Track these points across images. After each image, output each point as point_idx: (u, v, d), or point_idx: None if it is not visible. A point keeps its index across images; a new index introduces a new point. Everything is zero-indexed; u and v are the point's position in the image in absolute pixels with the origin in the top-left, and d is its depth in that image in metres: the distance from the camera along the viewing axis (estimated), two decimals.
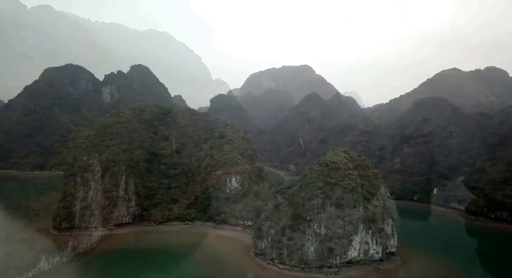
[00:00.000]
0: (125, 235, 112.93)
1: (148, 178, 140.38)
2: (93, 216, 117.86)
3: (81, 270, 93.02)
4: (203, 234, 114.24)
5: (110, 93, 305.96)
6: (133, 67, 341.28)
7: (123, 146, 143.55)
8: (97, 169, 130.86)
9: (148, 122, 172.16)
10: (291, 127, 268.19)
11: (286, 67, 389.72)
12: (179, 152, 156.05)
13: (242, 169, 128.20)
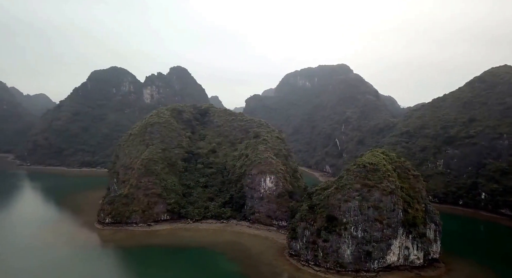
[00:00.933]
0: (163, 231, 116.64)
1: (186, 176, 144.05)
2: (134, 212, 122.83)
3: (121, 263, 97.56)
4: (238, 233, 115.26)
5: (151, 94, 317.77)
6: (172, 68, 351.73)
7: (162, 145, 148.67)
8: (138, 167, 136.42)
9: (186, 122, 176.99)
10: (327, 128, 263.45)
11: (322, 66, 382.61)
12: (215, 152, 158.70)
13: (276, 169, 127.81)
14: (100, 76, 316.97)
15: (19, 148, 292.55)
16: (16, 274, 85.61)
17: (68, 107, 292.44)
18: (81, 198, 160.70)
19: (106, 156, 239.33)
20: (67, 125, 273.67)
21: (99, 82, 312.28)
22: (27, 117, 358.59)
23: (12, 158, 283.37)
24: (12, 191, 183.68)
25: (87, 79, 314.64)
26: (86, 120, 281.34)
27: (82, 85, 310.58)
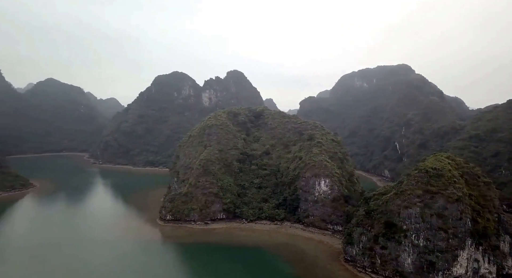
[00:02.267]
0: (220, 230, 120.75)
1: (240, 177, 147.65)
2: (192, 210, 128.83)
3: (181, 258, 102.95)
4: (292, 235, 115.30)
5: (209, 97, 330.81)
6: (229, 72, 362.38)
7: (219, 147, 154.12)
8: (196, 167, 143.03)
9: (241, 124, 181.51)
10: (386, 130, 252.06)
11: (381, 67, 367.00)
12: (269, 153, 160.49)
13: (331, 173, 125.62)
14: (163, 80, 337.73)
15: (93, 147, 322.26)
16: (91, 261, 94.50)
17: (135, 110, 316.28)
18: (145, 195, 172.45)
19: (168, 156, 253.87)
20: (134, 127, 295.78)
21: (162, 87, 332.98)
22: (100, 119, 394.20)
23: (87, 157, 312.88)
24: (87, 187, 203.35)
25: (151, 84, 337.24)
26: (150, 122, 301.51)
27: (147, 90, 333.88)
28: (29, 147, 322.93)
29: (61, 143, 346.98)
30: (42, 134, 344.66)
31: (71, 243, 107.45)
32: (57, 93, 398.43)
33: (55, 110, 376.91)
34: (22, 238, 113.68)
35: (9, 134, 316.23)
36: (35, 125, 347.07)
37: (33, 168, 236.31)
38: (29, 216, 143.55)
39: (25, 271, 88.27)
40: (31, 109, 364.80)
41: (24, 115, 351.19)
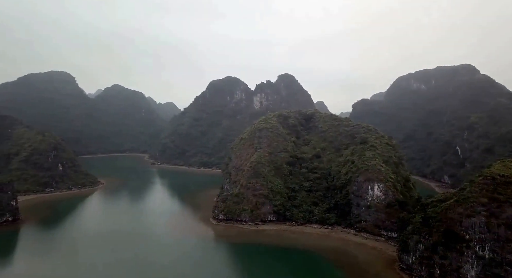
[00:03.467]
0: (270, 231, 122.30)
1: (290, 180, 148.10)
2: (243, 211, 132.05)
3: (233, 257, 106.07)
4: (344, 240, 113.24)
5: (260, 101, 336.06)
6: (280, 76, 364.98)
7: (269, 149, 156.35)
8: (247, 169, 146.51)
9: (291, 127, 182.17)
10: (446, 134, 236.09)
11: (441, 67, 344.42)
12: (319, 157, 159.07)
13: (385, 177, 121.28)
14: (217, 85, 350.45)
15: (152, 149, 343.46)
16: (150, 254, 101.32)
17: (190, 113, 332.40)
18: (199, 194, 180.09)
19: (221, 157, 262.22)
20: (189, 130, 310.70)
21: (216, 91, 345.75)
22: (159, 122, 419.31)
23: (147, 157, 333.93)
24: (147, 186, 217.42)
25: (206, 88, 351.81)
26: (205, 125, 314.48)
27: (202, 94, 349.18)
28: (97, 147, 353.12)
29: (124, 144, 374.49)
30: (108, 136, 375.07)
31: (133, 237, 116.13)
32: (122, 98, 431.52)
33: (120, 114, 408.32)
34: (91, 229, 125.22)
35: (81, 136, 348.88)
36: (103, 128, 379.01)
37: (100, 167, 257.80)
38: (97, 211, 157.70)
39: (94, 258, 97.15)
40: (100, 113, 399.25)
41: (94, 118, 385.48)
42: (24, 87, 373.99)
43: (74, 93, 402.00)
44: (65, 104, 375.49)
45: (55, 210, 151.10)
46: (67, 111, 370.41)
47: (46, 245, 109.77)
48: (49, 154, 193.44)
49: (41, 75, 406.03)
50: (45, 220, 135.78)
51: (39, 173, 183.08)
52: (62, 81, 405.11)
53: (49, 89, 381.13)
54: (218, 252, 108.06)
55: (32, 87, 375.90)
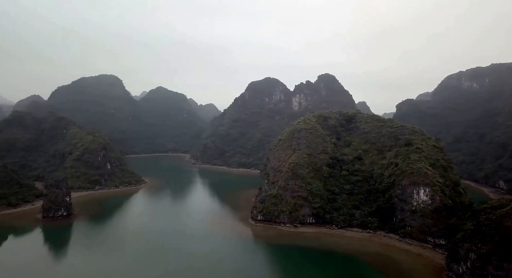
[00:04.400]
0: (309, 234, 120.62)
1: (330, 182, 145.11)
2: (282, 212, 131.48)
3: (271, 258, 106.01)
4: (387, 246, 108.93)
5: (299, 101, 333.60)
6: (320, 76, 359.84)
7: (308, 151, 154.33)
8: (285, 170, 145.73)
9: (332, 128, 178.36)
10: (502, 136, 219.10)
11: (495, 65, 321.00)
12: (361, 159, 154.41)
13: (432, 181, 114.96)
14: (256, 86, 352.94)
15: (193, 149, 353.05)
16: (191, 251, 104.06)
17: (230, 114, 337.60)
18: (238, 194, 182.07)
19: (259, 158, 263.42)
20: (229, 131, 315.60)
21: (255, 92, 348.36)
22: (200, 123, 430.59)
23: (189, 158, 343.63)
24: (188, 185, 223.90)
25: (245, 90, 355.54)
26: (243, 126, 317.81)
27: (241, 95, 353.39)
28: (142, 148, 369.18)
29: (167, 144, 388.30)
30: (152, 136, 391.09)
31: (174, 235, 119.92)
32: (164, 100, 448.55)
33: (163, 115, 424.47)
34: (136, 225, 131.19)
35: (127, 137, 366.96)
36: (147, 129, 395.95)
37: (144, 167, 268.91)
38: (142, 208, 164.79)
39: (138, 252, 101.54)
40: (144, 114, 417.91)
41: (139, 119, 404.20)
42: (77, 90, 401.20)
43: (121, 95, 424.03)
44: (112, 106, 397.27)
45: (104, 206, 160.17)
46: (115, 113, 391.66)
47: (96, 238, 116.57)
48: (98, 153, 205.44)
49: (92, 79, 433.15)
50: (95, 215, 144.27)
51: (90, 171, 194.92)
52: (110, 84, 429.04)
53: (99, 91, 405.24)
54: (257, 252, 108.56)
55: (84, 90, 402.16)
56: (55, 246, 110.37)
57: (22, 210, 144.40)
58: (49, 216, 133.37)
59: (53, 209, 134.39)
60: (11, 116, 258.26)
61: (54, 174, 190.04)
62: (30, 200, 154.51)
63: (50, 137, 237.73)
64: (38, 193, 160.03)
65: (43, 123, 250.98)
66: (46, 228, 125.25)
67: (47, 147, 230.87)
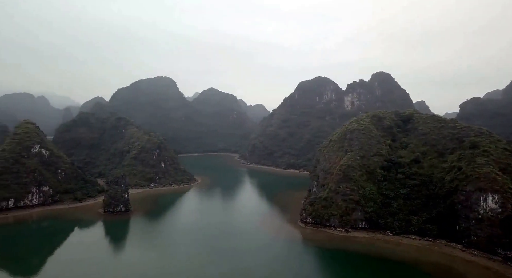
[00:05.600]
0: (361, 239, 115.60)
1: (385, 185, 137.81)
2: (332, 216, 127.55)
3: (321, 262, 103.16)
4: (448, 256, 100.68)
5: (351, 101, 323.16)
6: (375, 75, 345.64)
7: (360, 152, 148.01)
8: (336, 172, 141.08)
9: (387, 129, 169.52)
10: None
11: None
12: (419, 162, 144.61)
13: (503, 188, 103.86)
14: (306, 86, 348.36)
15: (242, 149, 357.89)
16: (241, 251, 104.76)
17: (279, 115, 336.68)
18: (286, 196, 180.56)
19: (308, 159, 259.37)
20: (277, 131, 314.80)
21: (305, 92, 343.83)
22: (249, 124, 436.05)
23: (238, 157, 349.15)
24: (237, 184, 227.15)
25: (294, 90, 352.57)
26: (293, 126, 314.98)
27: (290, 95, 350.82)
28: (193, 147, 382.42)
29: (217, 144, 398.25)
30: (203, 136, 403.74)
31: (226, 233, 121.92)
32: (215, 101, 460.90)
33: (214, 116, 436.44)
34: (188, 222, 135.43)
35: (180, 136, 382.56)
36: (198, 129, 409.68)
37: (196, 166, 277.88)
38: (193, 206, 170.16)
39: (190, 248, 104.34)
40: (196, 114, 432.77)
41: (191, 120, 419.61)
42: (134, 92, 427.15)
43: (174, 96, 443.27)
44: (167, 106, 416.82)
45: (158, 203, 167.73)
46: (169, 113, 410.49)
47: (152, 234, 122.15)
48: (154, 152, 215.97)
49: (148, 81, 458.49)
50: (150, 211, 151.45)
51: (146, 169, 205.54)
52: (165, 86, 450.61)
53: (154, 93, 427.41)
54: (306, 255, 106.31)
55: (141, 91, 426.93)
56: (114, 239, 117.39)
57: (87, 205, 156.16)
58: (109, 211, 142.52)
59: (113, 204, 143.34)
60: (78, 116, 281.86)
61: (114, 171, 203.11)
62: (93, 195, 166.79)
63: (110, 136, 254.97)
64: (100, 189, 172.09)
65: (104, 123, 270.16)
66: (106, 222, 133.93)
67: (108, 146, 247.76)
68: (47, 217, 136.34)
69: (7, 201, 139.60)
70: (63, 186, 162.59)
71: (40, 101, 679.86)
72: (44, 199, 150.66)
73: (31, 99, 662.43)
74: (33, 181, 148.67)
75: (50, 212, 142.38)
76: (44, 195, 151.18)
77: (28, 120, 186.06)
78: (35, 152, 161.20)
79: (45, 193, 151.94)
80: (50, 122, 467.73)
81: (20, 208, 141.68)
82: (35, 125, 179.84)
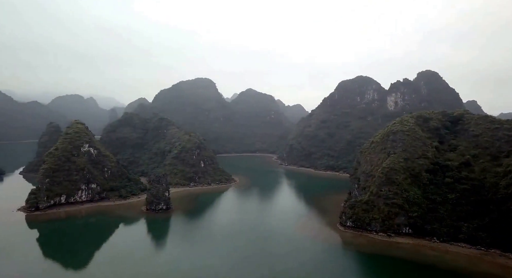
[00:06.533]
0: (405, 245, 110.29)
1: (431, 190, 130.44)
2: (374, 220, 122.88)
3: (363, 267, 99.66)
4: (503, 267, 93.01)
5: (395, 101, 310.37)
6: (420, 73, 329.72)
7: (404, 155, 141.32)
8: (378, 175, 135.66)
9: (433, 131, 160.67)
10: None
11: None
12: (469, 165, 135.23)
13: None
14: (346, 86, 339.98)
15: (280, 150, 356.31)
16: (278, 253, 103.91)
17: (318, 115, 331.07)
18: (325, 198, 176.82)
19: (348, 161, 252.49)
20: (316, 132, 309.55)
21: (346, 92, 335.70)
22: (287, 124, 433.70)
23: (275, 158, 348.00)
24: (275, 185, 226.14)
25: (334, 89, 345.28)
26: (332, 127, 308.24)
27: (330, 95, 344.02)
28: (231, 147, 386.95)
29: (255, 144, 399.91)
30: (241, 136, 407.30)
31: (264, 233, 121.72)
32: (253, 101, 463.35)
33: (252, 116, 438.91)
34: (226, 221, 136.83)
35: (219, 137, 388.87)
36: (237, 129, 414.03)
37: (234, 166, 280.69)
38: (231, 206, 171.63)
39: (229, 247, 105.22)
40: (235, 115, 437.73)
41: (229, 120, 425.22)
42: (176, 93, 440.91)
43: (214, 97, 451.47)
44: (206, 107, 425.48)
45: (197, 202, 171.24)
46: (208, 114, 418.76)
47: (191, 233, 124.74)
48: (194, 152, 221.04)
49: (189, 82, 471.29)
50: (190, 210, 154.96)
51: (186, 169, 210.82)
52: (205, 87, 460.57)
53: (195, 94, 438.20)
54: (347, 259, 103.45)
55: (182, 92, 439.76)
56: (156, 236, 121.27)
57: (130, 202, 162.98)
58: (151, 209, 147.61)
59: (155, 202, 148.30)
60: (123, 117, 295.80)
61: (156, 170, 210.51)
62: (136, 193, 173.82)
63: (153, 136, 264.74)
64: (143, 187, 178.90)
65: (147, 123, 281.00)
66: (149, 220, 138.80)
67: (150, 145, 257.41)
68: (94, 213, 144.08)
69: (60, 197, 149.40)
70: (109, 184, 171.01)
71: (89, 102, 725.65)
72: (92, 196, 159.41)
73: (81, 101, 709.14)
74: (82, 179, 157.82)
75: (98, 208, 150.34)
76: (92, 192, 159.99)
77: (78, 120, 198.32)
78: (84, 151, 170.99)
79: (93, 190, 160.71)
80: (97, 122, 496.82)
81: (70, 203, 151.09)
82: (84, 125, 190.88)
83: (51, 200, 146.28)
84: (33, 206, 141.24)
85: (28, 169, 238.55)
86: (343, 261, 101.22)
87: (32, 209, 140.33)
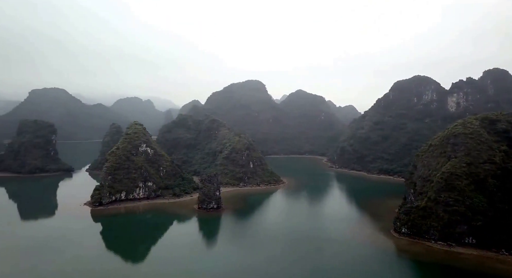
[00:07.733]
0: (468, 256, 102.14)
1: (499, 198, 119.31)
2: (431, 228, 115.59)
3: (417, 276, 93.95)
4: None
5: (456, 101, 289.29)
6: (487, 71, 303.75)
7: (467, 159, 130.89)
8: (437, 180, 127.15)
9: (501, 133, 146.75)
10: None
11: None
12: None
13: None
14: (403, 86, 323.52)
15: (330, 152, 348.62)
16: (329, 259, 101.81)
17: (371, 116, 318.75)
18: (378, 203, 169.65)
19: (403, 165, 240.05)
20: (369, 134, 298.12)
21: (401, 92, 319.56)
22: (338, 125, 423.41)
23: (325, 160, 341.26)
24: (325, 189, 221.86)
25: (389, 90, 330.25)
26: (386, 129, 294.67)
27: (384, 96, 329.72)
28: (281, 149, 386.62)
29: (304, 146, 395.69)
30: (290, 138, 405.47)
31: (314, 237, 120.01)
32: (303, 102, 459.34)
33: (301, 117, 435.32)
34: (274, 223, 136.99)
35: (268, 138, 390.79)
36: (286, 131, 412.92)
37: (283, 167, 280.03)
38: (280, 207, 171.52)
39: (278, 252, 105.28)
40: (284, 116, 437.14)
41: (279, 121, 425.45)
42: (227, 95, 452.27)
43: (263, 99, 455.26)
44: (256, 109, 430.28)
45: (247, 202, 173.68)
46: (258, 115, 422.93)
47: (241, 232, 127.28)
48: (243, 153, 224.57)
49: (240, 84, 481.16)
50: (239, 210, 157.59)
51: (236, 169, 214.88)
52: (254, 89, 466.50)
53: (245, 96, 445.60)
54: (403, 268, 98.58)
55: (233, 94, 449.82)
56: (207, 235, 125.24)
57: (183, 200, 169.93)
58: (203, 207, 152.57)
59: (206, 201, 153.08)
60: (177, 118, 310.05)
61: (207, 170, 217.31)
62: (189, 192, 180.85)
63: (205, 137, 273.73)
64: (195, 186, 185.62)
65: (200, 124, 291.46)
66: (200, 218, 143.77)
67: (202, 146, 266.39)
68: (151, 210, 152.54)
69: (120, 193, 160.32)
70: (164, 182, 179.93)
71: (147, 104, 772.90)
72: (148, 193, 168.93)
73: (139, 103, 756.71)
74: (140, 177, 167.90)
75: (153, 205, 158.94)
76: (148, 189, 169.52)
77: (137, 121, 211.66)
78: (142, 151, 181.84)
79: (150, 188, 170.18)
80: (154, 123, 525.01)
81: (129, 200, 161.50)
82: (142, 126, 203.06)
83: (113, 196, 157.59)
84: (97, 201, 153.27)
85: (93, 166, 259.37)
86: (399, 269, 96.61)
87: (96, 204, 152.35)
